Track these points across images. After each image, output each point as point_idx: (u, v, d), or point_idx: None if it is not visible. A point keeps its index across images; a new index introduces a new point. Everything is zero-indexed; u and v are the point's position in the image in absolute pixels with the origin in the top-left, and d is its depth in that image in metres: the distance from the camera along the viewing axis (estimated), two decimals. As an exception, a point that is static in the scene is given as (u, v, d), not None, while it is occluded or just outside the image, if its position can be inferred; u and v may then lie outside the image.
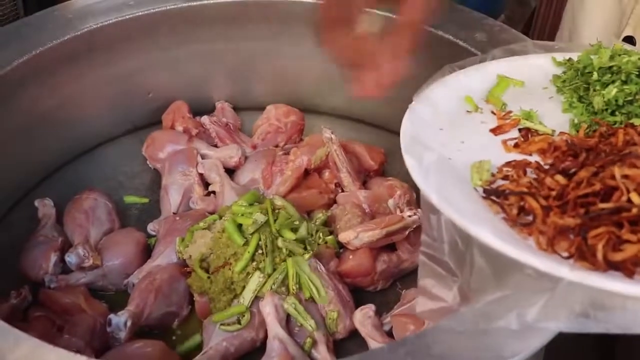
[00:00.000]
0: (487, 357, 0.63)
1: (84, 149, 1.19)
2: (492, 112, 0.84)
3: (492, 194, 0.70)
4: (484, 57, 0.91)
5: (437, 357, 0.63)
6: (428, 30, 1.08)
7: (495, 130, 0.82)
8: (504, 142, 0.80)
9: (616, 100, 0.80)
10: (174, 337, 0.96)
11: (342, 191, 1.10)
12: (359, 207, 1.04)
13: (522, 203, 0.68)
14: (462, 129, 0.81)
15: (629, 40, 1.10)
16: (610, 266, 0.61)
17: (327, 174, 1.12)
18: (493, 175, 0.74)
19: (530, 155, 0.77)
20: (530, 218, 0.67)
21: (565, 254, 0.63)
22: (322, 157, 1.10)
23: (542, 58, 0.90)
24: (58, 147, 1.15)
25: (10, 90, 1.03)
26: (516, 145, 0.79)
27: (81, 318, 0.93)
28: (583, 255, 0.62)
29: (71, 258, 0.98)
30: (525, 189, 0.69)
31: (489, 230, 0.63)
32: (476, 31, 1.06)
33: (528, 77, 0.88)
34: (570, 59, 0.88)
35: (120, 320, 0.89)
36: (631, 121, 0.78)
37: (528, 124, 0.81)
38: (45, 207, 1.08)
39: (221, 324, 0.91)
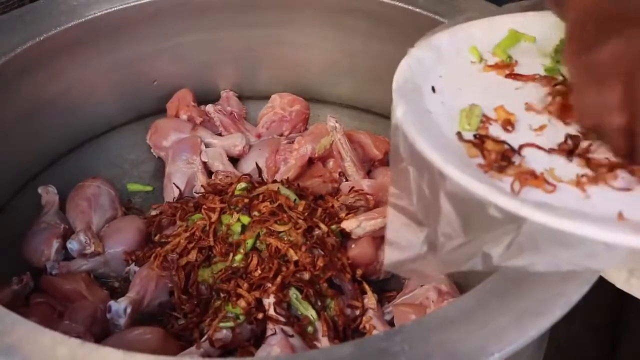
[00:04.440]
0: (486, 345, 0.62)
1: (89, 137, 1.19)
2: (497, 64, 0.80)
3: (481, 139, 0.68)
4: (496, 10, 0.87)
5: (434, 345, 0.62)
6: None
7: (511, 76, 0.78)
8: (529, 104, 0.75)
9: None
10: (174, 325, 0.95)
11: (346, 180, 1.09)
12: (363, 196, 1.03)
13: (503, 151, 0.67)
14: (461, 76, 0.78)
15: None
16: None
17: (331, 163, 1.11)
18: (482, 121, 0.71)
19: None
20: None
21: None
22: (327, 146, 1.10)
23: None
24: (62, 134, 1.15)
25: (15, 77, 1.03)
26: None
27: (82, 304, 0.93)
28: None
29: (73, 245, 0.98)
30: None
31: (458, 167, 0.62)
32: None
33: (540, 34, 0.83)
34: None
35: (120, 306, 0.89)
36: None
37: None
38: (48, 194, 1.08)
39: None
